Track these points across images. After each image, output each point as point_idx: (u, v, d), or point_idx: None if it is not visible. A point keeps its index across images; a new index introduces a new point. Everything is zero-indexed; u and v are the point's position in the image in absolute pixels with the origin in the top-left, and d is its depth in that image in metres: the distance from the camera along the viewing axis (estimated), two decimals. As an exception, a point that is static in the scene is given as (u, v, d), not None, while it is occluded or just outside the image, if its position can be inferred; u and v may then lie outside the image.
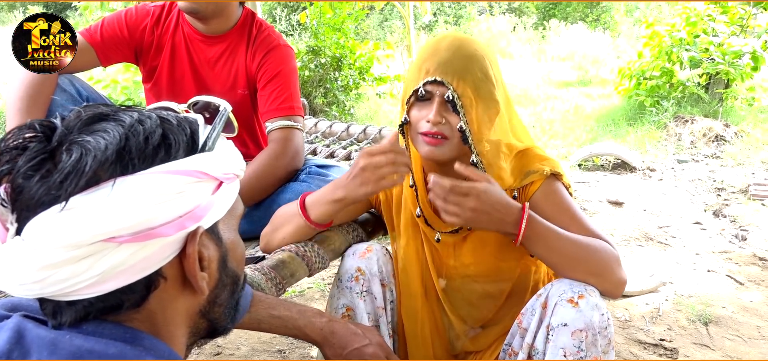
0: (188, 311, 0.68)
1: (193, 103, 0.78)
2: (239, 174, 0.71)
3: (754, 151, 5.14)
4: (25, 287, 0.57)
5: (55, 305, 0.60)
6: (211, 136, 0.67)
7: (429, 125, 1.19)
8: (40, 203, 0.56)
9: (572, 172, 4.83)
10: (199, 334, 0.72)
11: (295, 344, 2.17)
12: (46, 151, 0.58)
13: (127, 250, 0.57)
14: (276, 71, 1.74)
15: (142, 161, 0.59)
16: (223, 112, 0.72)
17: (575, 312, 1.12)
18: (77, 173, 0.56)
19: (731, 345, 2.21)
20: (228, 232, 0.71)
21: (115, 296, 0.60)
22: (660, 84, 6.53)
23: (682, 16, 6.78)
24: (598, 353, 1.13)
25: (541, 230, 1.18)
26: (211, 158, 0.65)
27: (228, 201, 0.68)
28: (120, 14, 1.76)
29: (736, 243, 3.27)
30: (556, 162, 1.30)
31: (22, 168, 0.57)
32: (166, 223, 0.59)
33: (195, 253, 0.63)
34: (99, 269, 0.57)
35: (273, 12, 11.35)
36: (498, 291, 1.38)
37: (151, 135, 0.60)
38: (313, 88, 6.35)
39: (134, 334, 0.61)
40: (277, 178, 1.67)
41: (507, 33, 15.40)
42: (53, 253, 0.55)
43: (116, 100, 4.79)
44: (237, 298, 0.76)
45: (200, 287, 0.65)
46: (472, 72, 1.18)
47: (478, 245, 1.33)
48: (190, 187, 0.61)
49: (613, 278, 1.20)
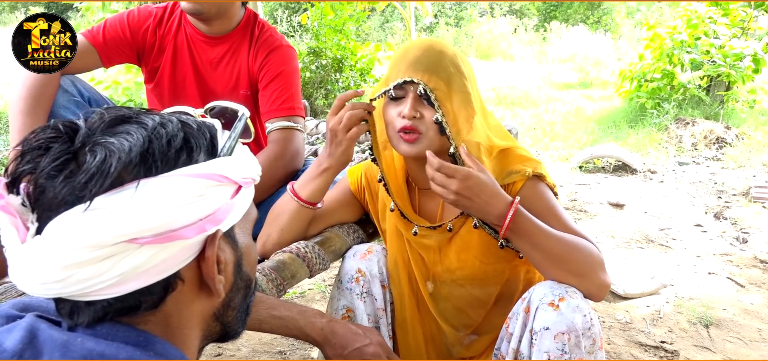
0: (203, 313, 0.68)
1: (209, 108, 0.79)
2: (256, 178, 0.72)
3: (755, 154, 5.14)
4: (46, 286, 0.57)
5: (73, 305, 0.60)
6: (231, 141, 0.68)
7: (404, 121, 1.19)
8: (64, 203, 0.56)
9: (573, 174, 4.84)
10: (211, 337, 0.73)
11: (296, 346, 2.17)
12: (69, 152, 0.58)
13: (148, 251, 0.58)
14: (277, 72, 1.74)
15: (165, 164, 0.59)
16: (241, 117, 0.73)
17: (556, 315, 1.12)
18: (102, 174, 0.56)
19: (732, 347, 2.21)
20: (243, 236, 0.71)
21: (133, 297, 0.60)
22: (661, 86, 6.54)
23: (684, 18, 6.78)
24: (583, 353, 1.13)
25: (527, 226, 1.17)
26: (231, 162, 0.66)
27: (245, 205, 0.69)
28: (122, 16, 1.77)
29: (737, 245, 3.27)
30: (539, 162, 1.30)
31: (45, 168, 0.57)
32: (188, 225, 0.60)
33: (214, 256, 0.64)
34: (120, 270, 0.57)
35: (274, 13, 11.36)
36: (485, 295, 1.37)
37: (173, 138, 0.61)
38: (315, 89, 6.36)
39: (147, 338, 0.61)
40: (276, 180, 1.67)
41: (508, 35, 15.43)
42: (76, 252, 0.55)
43: (118, 100, 4.80)
44: (249, 302, 0.77)
45: (217, 290, 0.66)
46: (444, 66, 1.19)
47: (462, 249, 1.32)
48: (211, 190, 0.62)
49: (597, 281, 1.19)
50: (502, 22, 15.95)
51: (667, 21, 8.20)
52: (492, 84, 10.13)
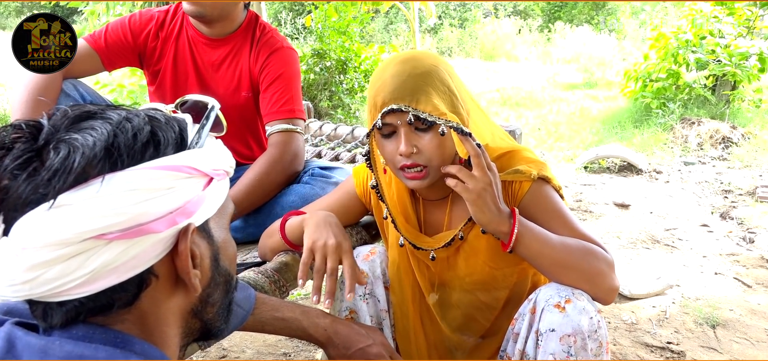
0: (181, 310, 0.67)
1: (180, 102, 0.78)
2: (229, 171, 0.71)
3: (762, 153, 5.11)
4: (13, 288, 0.56)
5: (45, 307, 0.59)
6: (201, 133, 0.67)
7: (403, 159, 1.15)
8: (28, 202, 0.55)
9: (578, 174, 4.82)
10: (192, 335, 0.72)
11: (300, 347, 2.17)
12: (32, 150, 0.57)
13: (117, 247, 0.57)
14: (278, 73, 1.74)
15: (131, 158, 0.58)
16: (211, 109, 0.72)
17: (562, 317, 1.10)
18: (65, 170, 0.55)
19: (739, 348, 2.19)
20: (219, 231, 0.71)
21: (106, 295, 0.59)
22: (666, 86, 6.51)
23: (689, 18, 6.75)
24: (589, 356, 1.11)
25: (530, 237, 1.15)
26: (201, 154, 0.65)
27: (218, 199, 0.68)
28: (124, 20, 1.78)
29: (744, 246, 3.25)
30: (545, 165, 1.27)
31: (8, 167, 0.56)
32: (157, 219, 0.59)
33: (188, 249, 0.63)
34: (89, 268, 0.56)
35: (278, 15, 11.38)
36: (494, 300, 1.35)
37: (139, 132, 0.60)
38: (318, 91, 6.36)
39: (125, 338, 0.60)
40: (276, 183, 1.67)
41: (512, 35, 15.40)
42: (42, 252, 0.55)
43: (122, 104, 4.81)
44: (230, 298, 0.76)
45: (193, 284, 0.65)
46: (424, 82, 1.11)
47: (470, 255, 1.30)
48: (180, 183, 0.61)
49: (605, 285, 1.16)
50: (507, 23, 15.92)
51: (672, 20, 8.17)
52: (496, 85, 10.12)
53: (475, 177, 1.11)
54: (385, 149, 1.18)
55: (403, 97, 1.10)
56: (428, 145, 1.14)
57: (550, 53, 13.92)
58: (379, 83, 1.14)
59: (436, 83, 1.13)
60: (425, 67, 1.13)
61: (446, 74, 1.16)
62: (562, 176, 4.69)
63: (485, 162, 1.12)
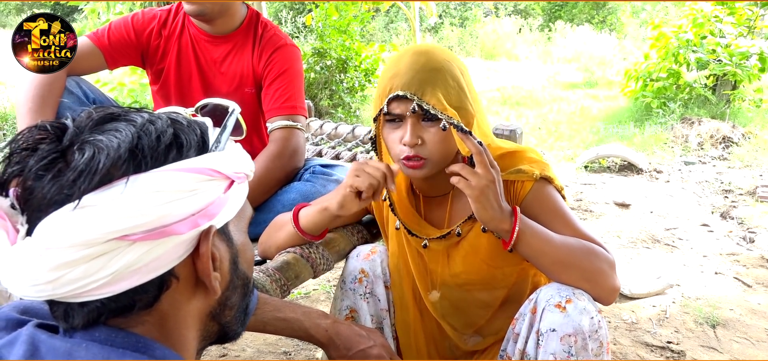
0: (200, 313, 0.68)
1: (201, 106, 0.78)
2: (249, 174, 0.71)
3: (762, 153, 5.11)
4: (37, 288, 0.56)
5: (67, 307, 0.59)
6: (222, 136, 0.67)
7: (406, 149, 1.16)
8: (52, 203, 0.55)
9: (578, 174, 4.82)
10: (210, 338, 0.72)
11: (301, 346, 2.17)
12: (57, 151, 0.57)
13: (140, 248, 0.57)
14: (281, 70, 1.74)
15: (155, 160, 0.59)
16: (232, 112, 0.73)
17: (563, 317, 1.11)
18: (90, 171, 0.55)
19: (739, 348, 2.20)
20: (238, 234, 0.71)
21: (127, 296, 0.59)
22: (666, 85, 6.51)
23: (689, 17, 6.74)
24: (590, 356, 1.11)
25: (531, 236, 1.16)
26: (223, 157, 0.65)
27: (239, 201, 0.68)
28: (127, 18, 1.78)
29: (744, 245, 3.25)
30: (547, 165, 1.27)
31: (33, 168, 0.56)
32: (180, 220, 0.59)
33: (209, 252, 0.63)
34: (112, 268, 0.56)
35: (279, 14, 11.37)
36: (492, 299, 1.36)
37: (162, 134, 0.60)
38: (319, 90, 6.36)
39: (146, 343, 0.61)
40: (276, 180, 1.67)
41: (513, 35, 15.39)
42: (66, 252, 0.55)
43: (123, 102, 4.82)
44: (247, 301, 0.76)
45: (213, 286, 0.65)
46: (436, 74, 1.13)
47: (469, 252, 1.30)
48: (202, 185, 0.61)
49: (606, 285, 1.17)
50: (507, 22, 15.91)
51: (673, 20, 8.16)
52: (497, 84, 10.11)
53: (478, 174, 1.11)
54: (389, 137, 1.20)
55: (411, 86, 1.13)
56: (432, 139, 1.15)
57: (550, 52, 13.92)
58: (392, 71, 1.17)
59: (446, 78, 1.14)
60: (439, 61, 1.15)
61: (458, 72, 1.17)
62: (562, 176, 4.69)
63: (488, 160, 1.12)
